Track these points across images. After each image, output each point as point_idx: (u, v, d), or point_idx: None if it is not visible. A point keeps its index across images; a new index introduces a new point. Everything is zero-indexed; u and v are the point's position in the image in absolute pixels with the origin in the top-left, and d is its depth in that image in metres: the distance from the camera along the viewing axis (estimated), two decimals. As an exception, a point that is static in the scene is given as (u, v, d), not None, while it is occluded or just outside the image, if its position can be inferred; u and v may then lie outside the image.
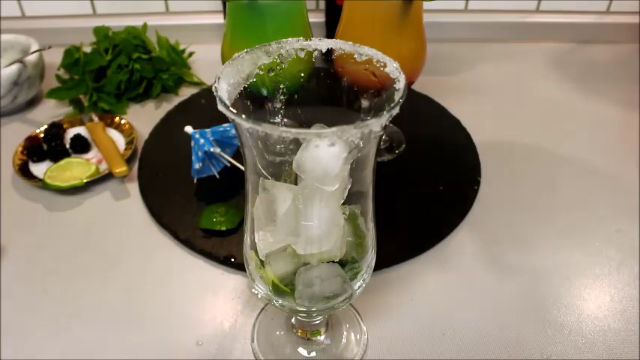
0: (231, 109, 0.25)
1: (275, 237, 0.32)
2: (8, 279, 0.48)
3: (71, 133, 0.64)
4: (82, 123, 0.66)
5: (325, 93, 0.34)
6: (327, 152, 0.26)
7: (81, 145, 0.62)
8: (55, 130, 0.63)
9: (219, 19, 0.86)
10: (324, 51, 0.31)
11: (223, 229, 0.50)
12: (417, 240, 0.50)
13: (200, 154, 0.53)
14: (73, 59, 0.70)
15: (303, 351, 0.42)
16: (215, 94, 0.26)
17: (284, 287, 0.32)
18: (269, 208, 0.31)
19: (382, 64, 0.29)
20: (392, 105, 0.26)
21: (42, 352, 0.42)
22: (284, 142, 0.26)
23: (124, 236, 0.52)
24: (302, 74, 0.33)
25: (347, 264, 0.32)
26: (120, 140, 0.64)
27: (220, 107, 0.26)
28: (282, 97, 0.33)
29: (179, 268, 0.49)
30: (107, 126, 0.66)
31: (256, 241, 0.33)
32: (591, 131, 0.67)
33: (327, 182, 0.28)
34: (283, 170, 0.30)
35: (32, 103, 0.73)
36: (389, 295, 0.46)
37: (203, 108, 0.70)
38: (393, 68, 0.28)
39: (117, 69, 0.70)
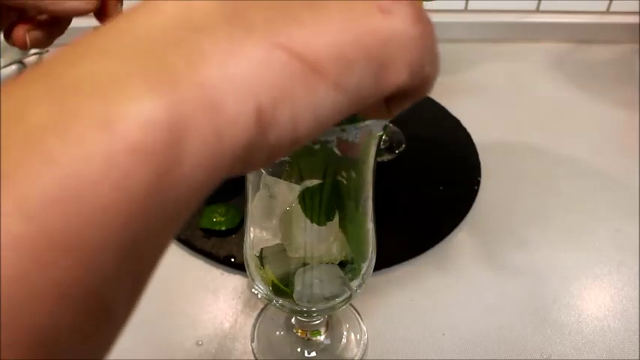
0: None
1: (272, 235, 0.32)
2: (8, 279, 0.48)
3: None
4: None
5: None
6: None
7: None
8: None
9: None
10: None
11: (223, 229, 0.50)
12: (417, 240, 0.50)
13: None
14: None
15: (303, 351, 0.42)
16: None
17: (284, 287, 0.32)
18: (268, 205, 0.31)
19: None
20: (392, 105, 0.25)
21: (42, 352, 0.42)
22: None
23: (124, 236, 0.52)
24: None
25: (347, 264, 0.32)
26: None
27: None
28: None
29: (179, 268, 0.48)
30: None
31: (252, 236, 0.33)
32: (591, 131, 0.67)
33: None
34: (283, 170, 0.30)
35: (32, 103, 0.72)
36: (389, 295, 0.46)
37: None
38: (393, 68, 0.28)
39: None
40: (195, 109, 0.13)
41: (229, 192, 0.54)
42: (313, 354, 0.42)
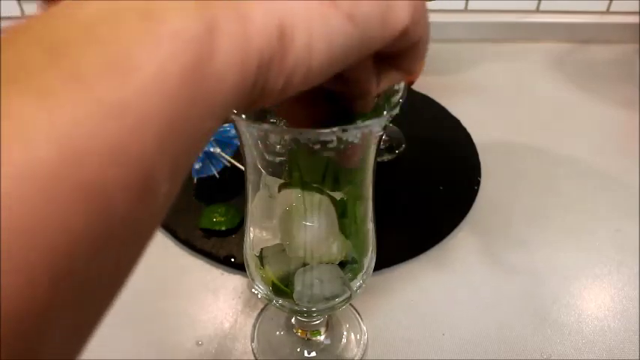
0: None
1: (272, 235, 0.32)
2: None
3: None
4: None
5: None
6: None
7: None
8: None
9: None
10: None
11: (223, 229, 0.50)
12: (417, 240, 0.50)
13: (200, 154, 0.53)
14: None
15: (303, 351, 0.42)
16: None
17: (284, 287, 0.32)
18: (268, 205, 0.31)
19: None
20: (392, 105, 0.26)
21: (42, 352, 0.42)
22: (284, 142, 0.26)
23: (124, 236, 0.52)
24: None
25: (347, 264, 0.32)
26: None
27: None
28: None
29: (179, 267, 0.49)
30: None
31: (252, 236, 0.33)
32: (591, 131, 0.67)
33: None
34: (283, 170, 0.30)
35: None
36: (389, 295, 0.46)
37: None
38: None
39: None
40: (226, 14, 0.15)
41: (229, 192, 0.55)
42: (313, 354, 0.42)
